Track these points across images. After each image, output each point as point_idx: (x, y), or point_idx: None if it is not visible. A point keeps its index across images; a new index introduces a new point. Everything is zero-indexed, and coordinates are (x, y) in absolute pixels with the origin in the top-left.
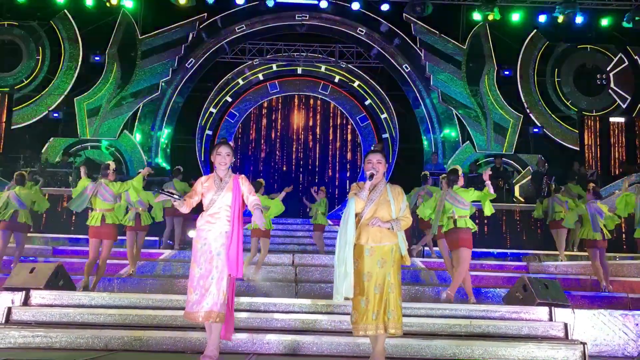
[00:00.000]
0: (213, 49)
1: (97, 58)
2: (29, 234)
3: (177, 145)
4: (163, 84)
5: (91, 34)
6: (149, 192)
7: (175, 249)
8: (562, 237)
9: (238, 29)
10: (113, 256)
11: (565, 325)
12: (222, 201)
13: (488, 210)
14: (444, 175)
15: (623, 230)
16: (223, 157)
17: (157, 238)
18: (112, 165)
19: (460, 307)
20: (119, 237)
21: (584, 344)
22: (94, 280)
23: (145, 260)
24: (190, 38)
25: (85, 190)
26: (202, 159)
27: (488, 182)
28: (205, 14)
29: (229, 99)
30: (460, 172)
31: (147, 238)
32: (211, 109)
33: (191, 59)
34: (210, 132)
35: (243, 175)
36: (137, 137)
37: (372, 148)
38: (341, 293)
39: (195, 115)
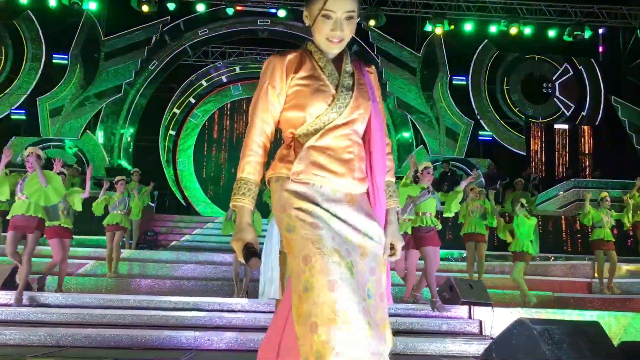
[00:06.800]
0: (176, 51)
1: (60, 58)
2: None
3: (140, 146)
4: (126, 85)
5: (54, 35)
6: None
7: (132, 249)
8: None
9: (201, 32)
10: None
11: (481, 322)
12: (351, 118)
13: None
14: None
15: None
16: (341, 24)
17: None
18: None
19: (389, 306)
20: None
21: (493, 339)
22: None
23: (104, 260)
24: (153, 40)
25: None
26: (165, 159)
27: None
28: (169, 17)
29: (192, 100)
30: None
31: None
32: (175, 110)
33: (154, 61)
34: (173, 133)
35: (373, 66)
36: (100, 137)
37: None
38: (267, 295)
39: (158, 116)
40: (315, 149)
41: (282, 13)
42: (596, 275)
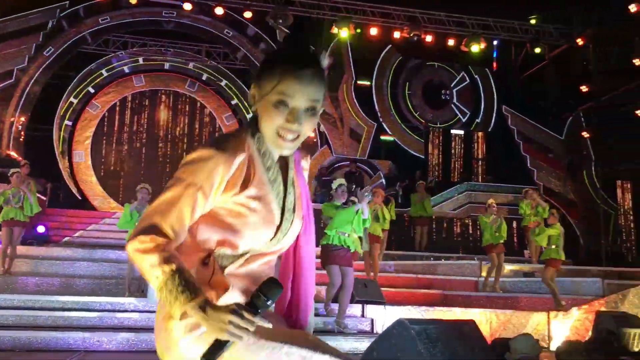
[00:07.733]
0: (74, 38)
1: None
2: None
3: (32, 135)
4: (18, 71)
5: None
6: None
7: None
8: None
9: (102, 20)
10: None
11: (372, 320)
12: (281, 247)
13: None
14: None
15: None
16: (299, 116)
17: None
18: None
19: None
20: None
21: None
22: None
23: None
24: (49, 26)
25: None
26: (60, 150)
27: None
28: (67, 2)
29: (92, 90)
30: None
31: None
32: (72, 99)
33: (50, 47)
34: (69, 123)
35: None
36: None
37: None
38: (152, 296)
39: (54, 105)
40: (236, 276)
41: (187, 6)
42: (483, 274)
